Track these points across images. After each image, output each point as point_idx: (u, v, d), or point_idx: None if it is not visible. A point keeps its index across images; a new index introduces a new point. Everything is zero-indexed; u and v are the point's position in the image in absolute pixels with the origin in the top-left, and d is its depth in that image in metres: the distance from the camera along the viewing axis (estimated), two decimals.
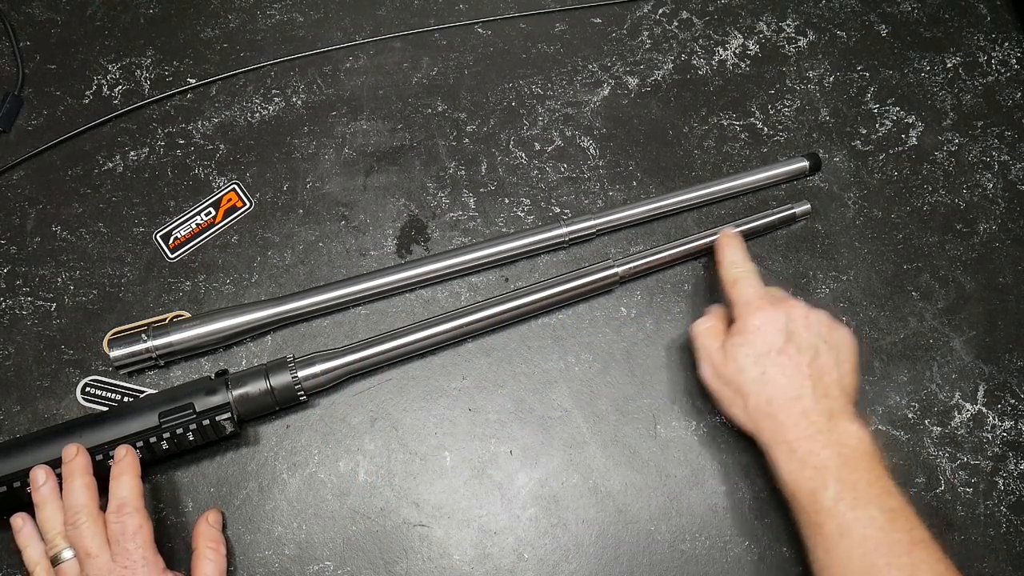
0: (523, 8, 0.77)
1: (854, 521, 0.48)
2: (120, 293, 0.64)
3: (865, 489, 0.49)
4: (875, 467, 0.50)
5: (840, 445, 0.50)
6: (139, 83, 0.72)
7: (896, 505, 0.49)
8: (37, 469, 0.52)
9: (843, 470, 0.49)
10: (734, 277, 0.58)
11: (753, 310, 0.55)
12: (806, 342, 0.54)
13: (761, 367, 0.53)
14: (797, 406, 0.52)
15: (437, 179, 0.69)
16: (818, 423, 0.51)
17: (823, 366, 0.54)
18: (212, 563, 0.53)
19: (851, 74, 0.76)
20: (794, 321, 0.55)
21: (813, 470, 0.50)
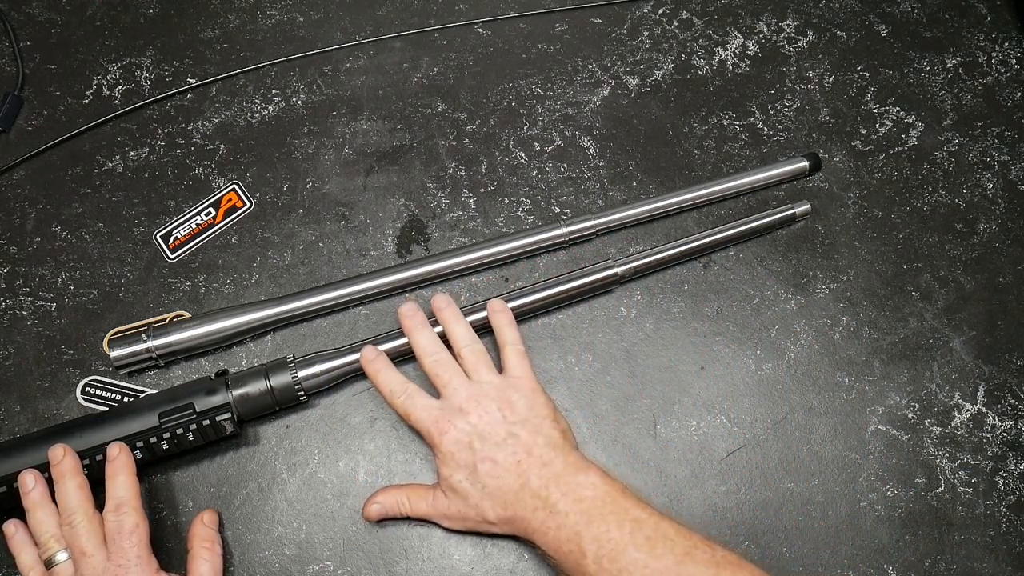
0: (523, 8, 0.77)
1: (623, 572, 0.47)
2: (120, 293, 0.64)
3: (618, 535, 0.48)
4: (617, 505, 0.49)
5: (579, 502, 0.49)
6: (139, 83, 0.72)
7: (650, 532, 0.48)
8: (26, 473, 0.52)
9: (591, 527, 0.48)
10: (404, 409, 0.55)
11: (438, 437, 0.53)
12: (499, 435, 0.52)
13: (479, 485, 0.52)
14: (526, 494, 0.51)
15: (437, 179, 0.69)
16: (552, 494, 0.50)
17: (528, 442, 0.52)
18: (208, 563, 0.53)
19: (851, 74, 0.76)
20: (476, 425, 0.53)
21: (566, 542, 0.49)
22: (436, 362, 0.56)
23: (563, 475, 0.51)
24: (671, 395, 0.62)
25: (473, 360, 0.56)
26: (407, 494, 0.55)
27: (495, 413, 0.53)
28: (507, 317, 0.59)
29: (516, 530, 0.52)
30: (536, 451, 0.52)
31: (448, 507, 0.54)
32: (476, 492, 0.52)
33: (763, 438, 0.61)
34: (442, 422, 0.53)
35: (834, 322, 0.65)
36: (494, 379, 0.55)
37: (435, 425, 0.53)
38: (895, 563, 0.57)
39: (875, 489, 0.59)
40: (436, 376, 0.56)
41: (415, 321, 0.58)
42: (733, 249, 0.67)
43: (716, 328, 0.65)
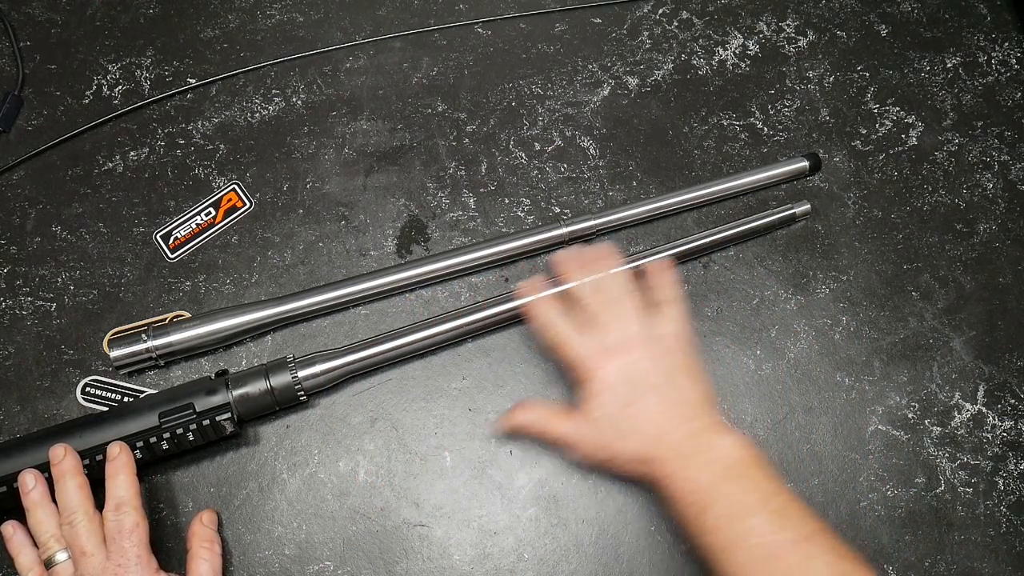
0: (523, 8, 0.77)
1: (740, 535, 0.48)
2: (120, 293, 0.64)
3: (746, 498, 0.49)
4: (753, 473, 0.50)
5: (715, 463, 0.50)
6: (139, 83, 0.72)
7: (778, 505, 0.49)
8: (26, 473, 0.52)
9: (721, 486, 0.49)
10: (557, 340, 0.56)
11: (588, 373, 0.54)
12: (649, 383, 0.53)
13: (619, 425, 0.53)
14: (665, 443, 0.52)
15: (437, 179, 0.69)
16: (689, 449, 0.51)
17: (673, 396, 0.53)
18: (207, 563, 0.53)
19: (851, 74, 0.76)
20: (630, 367, 0.54)
21: (692, 495, 0.50)
22: (600, 301, 0.57)
23: (704, 433, 0.52)
24: None
25: (632, 307, 0.57)
26: (552, 413, 0.56)
27: (647, 361, 0.54)
28: (669, 276, 0.59)
29: (647, 472, 0.53)
30: (682, 405, 0.53)
31: (589, 436, 0.54)
32: (619, 429, 0.53)
33: (763, 438, 0.61)
34: (598, 358, 0.54)
35: (834, 322, 0.65)
36: (649, 329, 0.56)
37: (591, 360, 0.54)
38: (895, 563, 0.57)
39: (875, 489, 0.59)
40: (597, 315, 0.56)
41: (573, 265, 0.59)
42: (733, 249, 0.67)
43: (716, 328, 0.65)
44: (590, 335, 0.55)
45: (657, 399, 0.53)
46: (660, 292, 0.58)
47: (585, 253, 0.60)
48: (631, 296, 0.57)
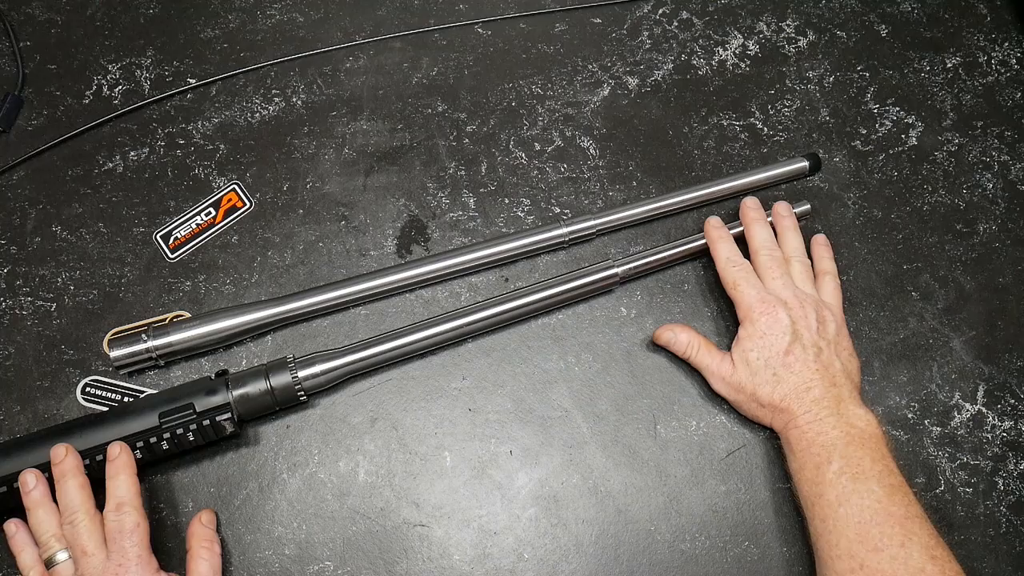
0: (523, 8, 0.77)
1: (853, 492, 0.51)
2: (120, 293, 0.64)
3: (868, 466, 0.52)
4: (879, 448, 0.54)
5: (848, 426, 0.54)
6: (139, 83, 0.72)
7: (896, 483, 0.52)
8: (27, 473, 0.52)
9: (848, 448, 0.53)
10: (734, 279, 0.61)
11: (757, 315, 0.58)
12: (809, 340, 0.58)
13: (772, 369, 0.57)
14: (808, 396, 0.56)
15: (437, 179, 0.69)
16: (828, 408, 0.55)
17: (827, 360, 0.57)
18: (206, 563, 0.53)
19: (851, 74, 0.76)
20: (796, 321, 0.58)
21: (820, 447, 0.54)
22: (771, 257, 0.61)
23: (844, 400, 0.55)
24: (671, 395, 0.62)
25: (801, 270, 0.62)
26: (701, 342, 0.61)
27: (812, 320, 0.58)
28: (828, 251, 0.65)
29: (778, 420, 0.57)
30: (830, 371, 0.57)
31: (732, 373, 0.59)
32: (765, 374, 0.57)
33: (763, 438, 0.61)
34: (766, 303, 0.59)
35: None
36: (815, 294, 0.61)
37: (759, 303, 0.59)
38: None
39: None
40: (767, 269, 0.61)
41: (757, 215, 0.64)
42: None
43: (716, 328, 0.65)
44: (764, 282, 0.60)
45: (812, 357, 0.57)
46: (821, 264, 0.64)
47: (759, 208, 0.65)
48: (804, 259, 0.63)
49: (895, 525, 0.49)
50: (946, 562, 0.49)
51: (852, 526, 0.50)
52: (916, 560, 0.48)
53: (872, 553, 0.49)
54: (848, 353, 0.59)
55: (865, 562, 0.49)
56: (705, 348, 0.60)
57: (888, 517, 0.50)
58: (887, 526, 0.49)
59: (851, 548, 0.50)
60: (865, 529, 0.50)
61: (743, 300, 0.59)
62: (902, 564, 0.48)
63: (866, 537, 0.49)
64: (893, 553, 0.48)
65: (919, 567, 0.48)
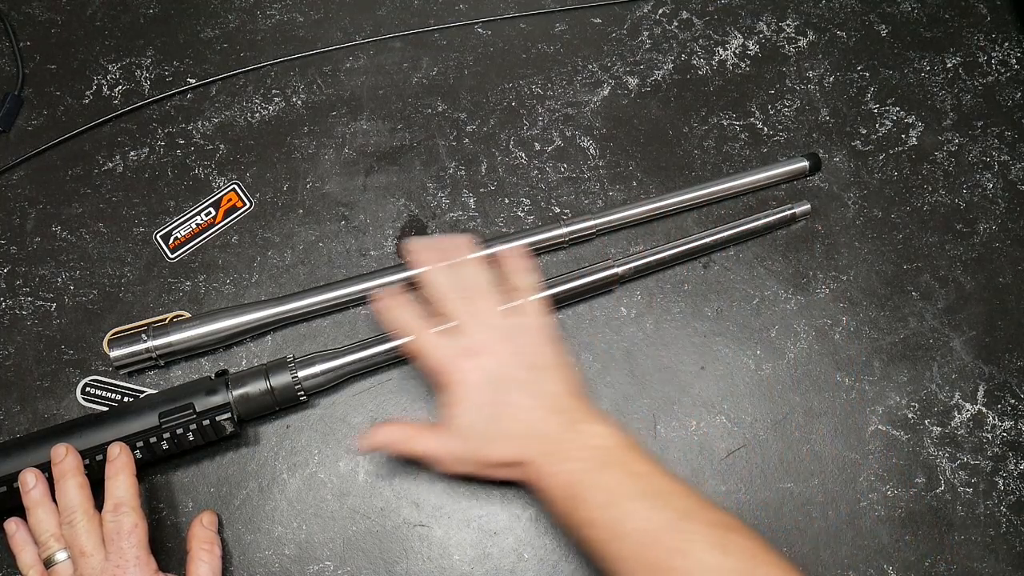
0: (523, 8, 0.77)
1: (618, 522, 0.47)
2: (120, 293, 0.64)
3: (620, 485, 0.48)
4: (625, 457, 0.49)
5: (586, 450, 0.49)
6: (139, 83, 0.72)
7: (654, 487, 0.48)
8: (26, 472, 0.52)
9: (595, 476, 0.48)
10: (415, 346, 0.54)
11: (450, 375, 0.52)
12: (515, 377, 0.52)
13: (484, 431, 0.51)
14: (533, 440, 0.50)
15: (437, 179, 0.69)
16: (559, 444, 0.50)
17: (541, 388, 0.52)
18: (206, 564, 0.53)
19: (851, 74, 0.76)
20: (494, 367, 0.52)
21: (569, 488, 0.48)
22: (451, 303, 0.54)
23: (573, 424, 0.51)
24: (671, 395, 0.62)
25: (490, 302, 0.55)
26: (414, 430, 0.53)
27: (510, 357, 0.52)
28: (525, 263, 0.57)
29: (520, 474, 0.51)
30: (549, 398, 0.51)
31: (455, 447, 0.52)
32: (486, 433, 0.51)
33: (763, 438, 0.61)
34: (457, 361, 0.52)
35: (834, 322, 0.65)
36: (510, 321, 0.54)
37: (449, 363, 0.52)
38: (895, 563, 0.57)
39: (875, 489, 0.59)
40: (455, 314, 0.54)
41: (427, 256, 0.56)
42: (733, 249, 0.67)
43: (716, 328, 0.65)
44: (448, 337, 0.53)
45: (522, 395, 0.51)
46: (517, 280, 0.56)
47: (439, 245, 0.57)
48: (489, 290, 0.55)
49: (671, 537, 0.45)
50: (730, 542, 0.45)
51: (632, 558, 0.46)
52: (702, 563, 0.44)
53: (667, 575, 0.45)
54: (564, 370, 0.53)
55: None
56: (420, 434, 0.53)
57: (660, 532, 0.46)
58: (663, 542, 0.45)
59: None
60: (646, 556, 0.45)
61: (433, 365, 0.53)
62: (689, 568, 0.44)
63: (651, 564, 0.45)
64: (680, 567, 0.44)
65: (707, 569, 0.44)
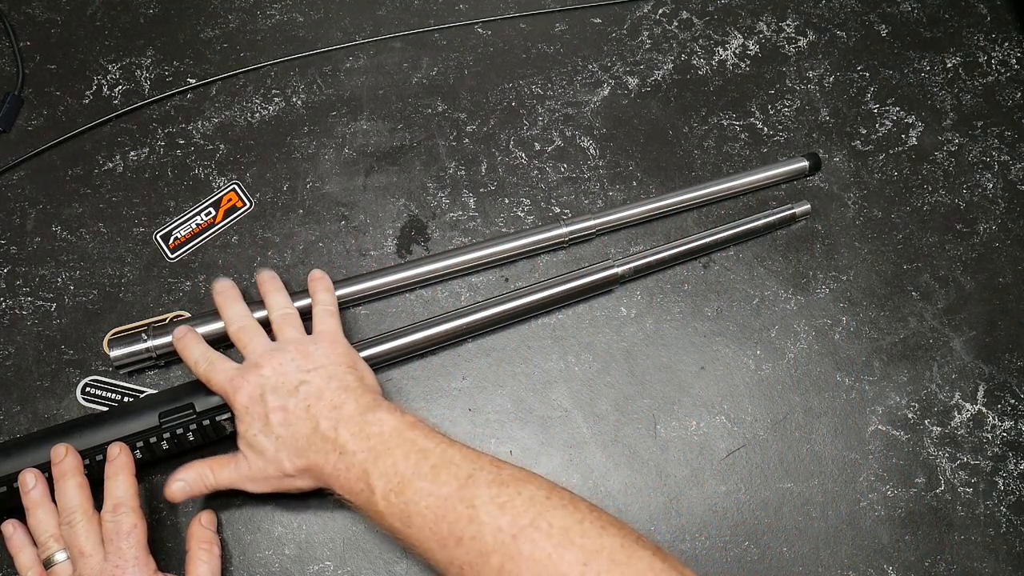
0: (523, 8, 0.77)
1: (407, 505, 0.47)
2: (120, 293, 0.64)
3: (403, 467, 0.47)
4: (403, 438, 0.49)
5: (367, 440, 0.49)
6: (139, 83, 0.72)
7: (436, 460, 0.47)
8: (26, 472, 0.52)
9: (378, 463, 0.48)
10: (204, 374, 0.55)
11: (232, 394, 0.53)
12: (289, 382, 0.52)
13: (271, 436, 0.51)
14: (317, 438, 0.50)
15: (437, 179, 0.69)
16: (341, 437, 0.50)
17: (315, 389, 0.52)
18: (205, 564, 0.53)
19: (851, 74, 0.76)
20: (269, 376, 0.52)
21: (356, 482, 0.48)
22: (240, 328, 0.56)
23: (352, 415, 0.50)
24: (671, 395, 0.62)
25: (280, 322, 0.57)
26: (209, 466, 0.54)
27: (289, 364, 0.53)
28: (324, 283, 0.60)
29: (314, 479, 0.52)
30: (327, 395, 0.52)
31: (250, 468, 0.52)
32: (271, 445, 0.51)
33: (763, 438, 0.61)
34: (237, 379, 0.53)
35: (834, 322, 0.65)
36: (296, 336, 0.56)
37: (230, 383, 0.53)
38: (895, 563, 0.57)
39: (875, 489, 0.59)
40: (239, 341, 0.56)
41: (227, 296, 0.59)
42: (733, 249, 0.67)
43: (716, 328, 0.65)
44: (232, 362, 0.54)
45: (298, 399, 0.51)
46: (313, 298, 0.59)
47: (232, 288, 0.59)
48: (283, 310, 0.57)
49: (455, 506, 0.45)
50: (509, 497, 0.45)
51: (428, 538, 0.46)
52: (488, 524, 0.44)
53: (457, 549, 0.45)
54: (346, 367, 0.54)
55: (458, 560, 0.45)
56: (217, 467, 0.53)
57: (445, 503, 0.46)
58: (450, 514, 0.45)
59: (443, 557, 0.46)
60: (437, 531, 0.45)
61: (218, 389, 0.54)
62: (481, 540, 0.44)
63: (443, 539, 0.45)
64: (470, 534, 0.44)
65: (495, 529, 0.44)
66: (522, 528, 0.44)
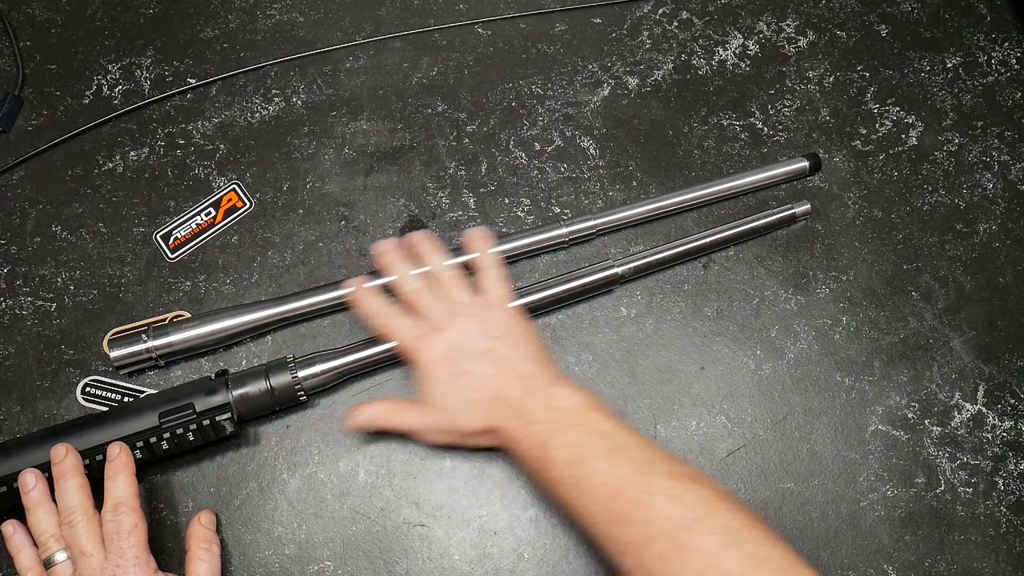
0: (523, 8, 0.77)
1: (582, 479, 0.48)
2: (120, 293, 0.64)
3: (584, 443, 0.49)
4: (587, 416, 0.51)
5: (550, 411, 0.51)
6: (139, 83, 0.72)
7: (617, 442, 0.49)
8: (26, 473, 0.52)
9: (559, 436, 0.50)
10: (385, 329, 0.57)
11: (417, 352, 0.55)
12: (477, 348, 0.54)
13: (458, 397, 0.54)
14: (502, 405, 0.53)
15: (437, 179, 0.69)
16: (525, 406, 0.52)
17: (503, 358, 0.54)
18: (205, 564, 0.53)
19: (851, 74, 0.76)
20: (455, 339, 0.55)
21: (537, 450, 0.51)
22: (414, 290, 0.58)
23: (538, 387, 0.53)
24: (671, 395, 0.62)
25: (450, 284, 0.58)
26: (397, 406, 0.56)
27: (473, 328, 0.55)
28: (487, 244, 0.61)
29: (494, 440, 0.54)
30: (513, 364, 0.54)
31: (432, 420, 0.55)
32: (456, 405, 0.54)
33: (763, 438, 0.61)
34: (422, 339, 0.55)
35: (834, 322, 0.65)
36: (470, 299, 0.58)
37: (415, 342, 0.55)
38: (895, 563, 0.57)
39: (875, 489, 0.59)
40: (414, 303, 0.58)
41: (390, 257, 0.60)
42: (733, 249, 0.67)
43: (716, 328, 0.65)
44: (413, 317, 0.57)
45: (486, 364, 0.54)
46: (477, 260, 0.60)
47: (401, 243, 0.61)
48: (450, 275, 0.59)
49: (629, 489, 0.47)
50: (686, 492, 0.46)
51: (598, 512, 0.48)
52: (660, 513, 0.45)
53: (623, 529, 0.46)
54: (527, 336, 0.56)
55: (623, 539, 0.46)
56: (402, 410, 0.56)
57: (620, 484, 0.47)
58: (623, 495, 0.47)
59: (607, 532, 0.47)
60: (608, 508, 0.47)
61: (402, 345, 0.56)
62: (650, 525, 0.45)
63: (612, 516, 0.47)
64: (640, 518, 0.46)
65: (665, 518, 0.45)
66: (691, 522, 0.45)
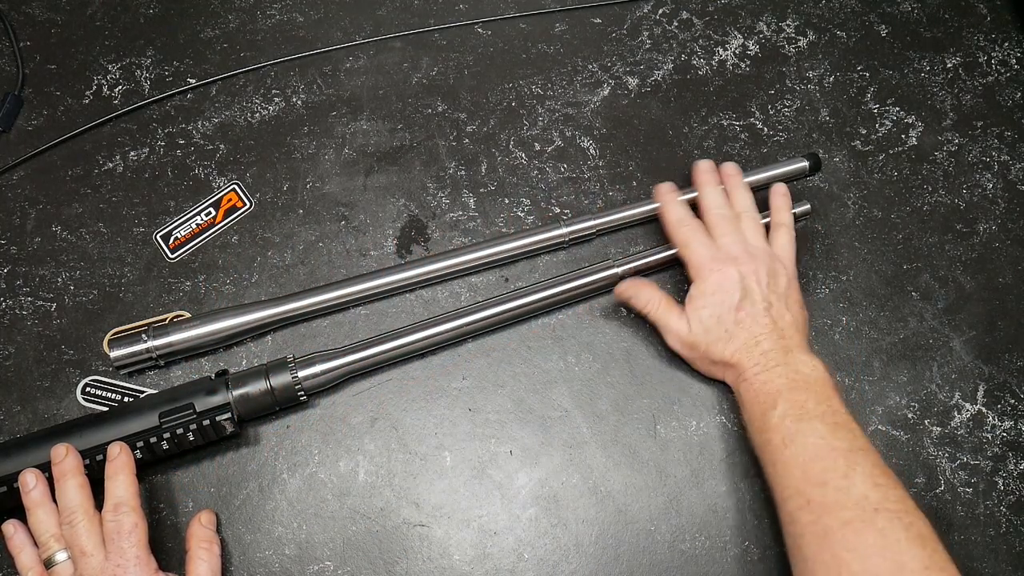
0: (523, 8, 0.77)
1: (797, 433, 0.52)
2: (120, 293, 0.64)
3: (812, 407, 0.53)
4: (824, 390, 0.54)
5: (793, 373, 0.55)
6: (139, 83, 0.72)
7: (840, 421, 0.52)
8: (26, 473, 0.52)
9: (792, 393, 0.54)
10: (685, 238, 0.61)
11: (707, 272, 0.59)
12: (759, 295, 0.58)
13: (724, 325, 0.58)
14: (757, 350, 0.57)
15: (437, 179, 0.69)
16: (775, 359, 0.56)
17: (777, 313, 0.58)
18: (205, 563, 0.53)
19: (851, 74, 0.76)
20: (746, 277, 0.58)
21: (766, 395, 0.55)
22: (721, 216, 0.62)
23: (791, 350, 0.56)
24: (671, 395, 0.62)
25: (751, 225, 0.62)
26: (662, 300, 0.61)
27: (763, 275, 0.59)
28: (787, 202, 0.65)
29: (730, 375, 0.59)
30: (780, 323, 0.58)
31: (687, 331, 0.59)
32: (717, 331, 0.58)
33: None
34: (716, 260, 0.59)
35: (834, 322, 0.65)
36: (766, 247, 0.61)
37: (710, 261, 0.59)
38: None
39: None
40: (717, 227, 0.62)
41: (709, 177, 0.65)
42: None
43: None
44: (715, 239, 0.61)
45: (762, 311, 0.58)
46: (778, 215, 0.64)
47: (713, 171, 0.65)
48: (754, 214, 0.63)
49: (838, 459, 0.50)
50: (889, 488, 0.49)
51: (798, 465, 0.51)
52: (859, 488, 0.48)
53: (817, 488, 0.49)
54: (798, 305, 0.60)
55: (811, 497, 0.49)
56: (665, 306, 0.60)
57: (831, 451, 0.50)
58: (830, 460, 0.50)
59: (798, 486, 0.50)
60: (810, 466, 0.50)
61: (693, 258, 0.60)
62: (845, 494, 0.48)
63: (810, 474, 0.50)
64: (837, 484, 0.49)
65: (862, 495, 0.48)
66: (885, 509, 0.47)
